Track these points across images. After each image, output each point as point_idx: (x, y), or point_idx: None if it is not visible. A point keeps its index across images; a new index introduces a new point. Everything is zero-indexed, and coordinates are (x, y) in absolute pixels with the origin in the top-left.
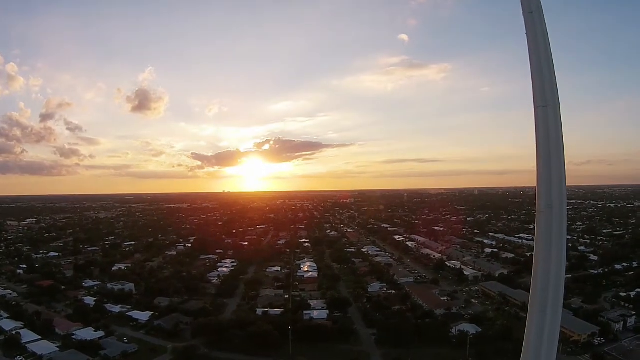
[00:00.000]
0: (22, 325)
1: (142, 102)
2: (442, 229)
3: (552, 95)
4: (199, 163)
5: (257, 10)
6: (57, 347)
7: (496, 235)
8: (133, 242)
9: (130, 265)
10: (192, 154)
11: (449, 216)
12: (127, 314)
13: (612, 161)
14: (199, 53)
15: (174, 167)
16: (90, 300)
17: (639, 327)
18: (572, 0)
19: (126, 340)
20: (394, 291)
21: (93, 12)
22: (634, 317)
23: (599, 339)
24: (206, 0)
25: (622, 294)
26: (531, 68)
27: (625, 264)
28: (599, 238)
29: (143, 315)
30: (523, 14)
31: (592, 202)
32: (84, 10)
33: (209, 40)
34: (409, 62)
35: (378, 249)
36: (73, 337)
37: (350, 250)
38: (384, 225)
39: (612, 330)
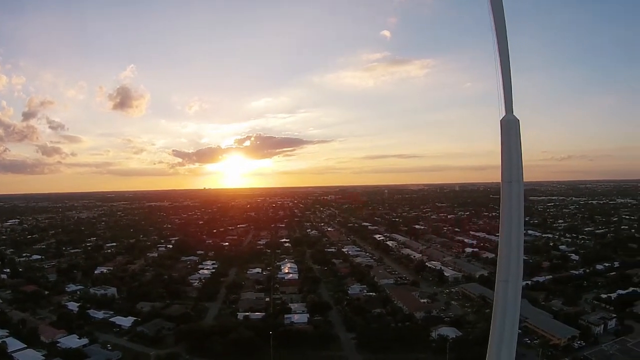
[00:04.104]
0: (7, 334)
1: (123, 99)
2: (422, 227)
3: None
4: (180, 160)
5: (238, 7)
6: (43, 355)
7: (477, 234)
8: (115, 244)
9: (112, 268)
10: (173, 151)
11: (429, 213)
12: (110, 319)
13: (593, 157)
14: (180, 50)
15: (154, 164)
16: (73, 306)
17: (619, 330)
18: None
19: (110, 348)
20: (374, 294)
21: (74, 10)
22: (614, 319)
23: (579, 342)
24: None
25: (603, 296)
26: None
27: (606, 264)
28: (580, 237)
29: (126, 321)
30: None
31: (573, 198)
32: (65, 8)
33: (190, 38)
34: (391, 58)
35: (358, 249)
36: (58, 345)
37: (330, 250)
38: (365, 223)
39: (593, 333)
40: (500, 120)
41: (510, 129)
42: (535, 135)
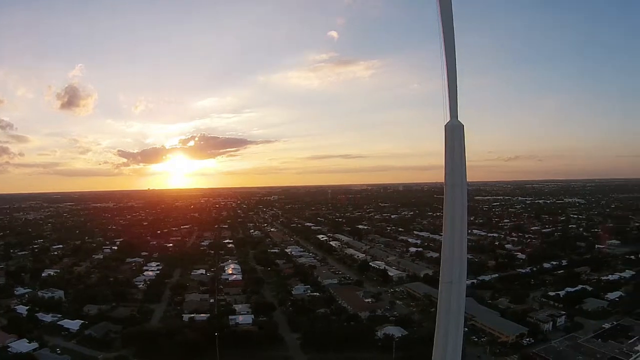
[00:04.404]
0: None
1: (71, 99)
2: (366, 227)
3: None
4: (125, 160)
5: (185, 6)
6: None
7: (421, 234)
8: (61, 246)
9: (59, 270)
10: (118, 151)
11: (373, 213)
12: (58, 323)
13: (542, 157)
14: (128, 49)
15: (100, 164)
16: (22, 309)
17: (569, 326)
18: None
19: (59, 352)
20: (318, 294)
21: (24, 9)
22: (563, 316)
23: (527, 339)
24: None
25: (551, 294)
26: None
27: (554, 263)
28: (527, 236)
29: (74, 324)
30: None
31: (519, 198)
32: (14, 7)
33: (138, 37)
34: (338, 58)
35: (302, 249)
36: (9, 349)
37: (273, 250)
38: (308, 223)
39: (541, 330)
40: (445, 126)
41: (454, 135)
42: (481, 136)
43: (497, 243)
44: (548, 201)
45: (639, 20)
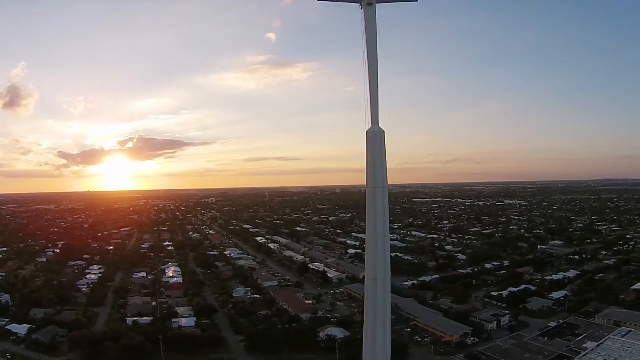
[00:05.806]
0: None
1: (13, 98)
2: (304, 229)
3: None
4: (65, 162)
5: (125, 5)
6: None
7: (359, 236)
8: (5, 249)
9: (4, 274)
10: (59, 152)
11: (311, 215)
12: (7, 327)
13: (480, 159)
14: (68, 48)
15: (41, 165)
16: None
17: (514, 326)
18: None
19: (9, 357)
20: (259, 296)
21: None
22: (507, 316)
23: (472, 338)
24: None
25: (494, 294)
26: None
27: (496, 263)
28: (467, 237)
29: (21, 329)
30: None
31: (459, 200)
32: None
33: (77, 35)
34: (275, 60)
35: (241, 252)
36: None
37: (213, 253)
38: (246, 226)
39: (486, 329)
40: (367, 132)
41: (375, 140)
42: (421, 139)
43: (437, 244)
44: (488, 203)
45: (573, 22)
